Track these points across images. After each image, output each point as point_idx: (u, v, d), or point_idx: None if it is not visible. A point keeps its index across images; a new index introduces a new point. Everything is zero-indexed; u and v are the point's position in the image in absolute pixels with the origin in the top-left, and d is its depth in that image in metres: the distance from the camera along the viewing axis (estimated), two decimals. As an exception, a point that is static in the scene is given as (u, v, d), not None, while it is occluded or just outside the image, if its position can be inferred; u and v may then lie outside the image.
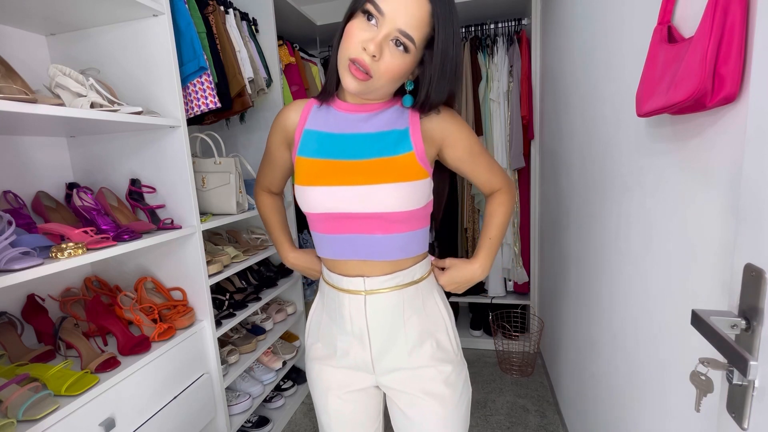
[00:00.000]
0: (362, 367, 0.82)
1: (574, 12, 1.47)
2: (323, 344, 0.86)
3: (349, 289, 0.79)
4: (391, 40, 0.65)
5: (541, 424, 1.78)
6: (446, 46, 0.68)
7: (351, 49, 0.66)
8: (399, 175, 0.72)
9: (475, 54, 2.31)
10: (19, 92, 0.84)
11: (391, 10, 0.64)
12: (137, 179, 1.30)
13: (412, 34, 0.65)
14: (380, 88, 0.70)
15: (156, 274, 1.37)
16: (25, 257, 0.85)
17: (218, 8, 1.54)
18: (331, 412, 0.87)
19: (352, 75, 0.67)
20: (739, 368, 0.44)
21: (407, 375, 0.81)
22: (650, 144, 0.85)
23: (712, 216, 0.63)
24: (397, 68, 0.67)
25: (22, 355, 1.07)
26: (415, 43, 0.66)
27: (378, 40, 0.64)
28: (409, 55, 0.67)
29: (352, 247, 0.77)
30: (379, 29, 0.65)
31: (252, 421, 1.73)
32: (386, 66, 0.66)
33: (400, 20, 0.64)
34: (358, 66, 0.66)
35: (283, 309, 1.97)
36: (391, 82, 0.69)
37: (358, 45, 0.65)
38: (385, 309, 0.79)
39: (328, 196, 0.74)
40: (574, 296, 1.57)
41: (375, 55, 0.65)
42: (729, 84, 0.53)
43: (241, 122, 1.93)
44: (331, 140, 0.76)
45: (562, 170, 1.75)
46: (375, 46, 0.64)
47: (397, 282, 0.78)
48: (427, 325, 0.81)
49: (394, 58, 0.66)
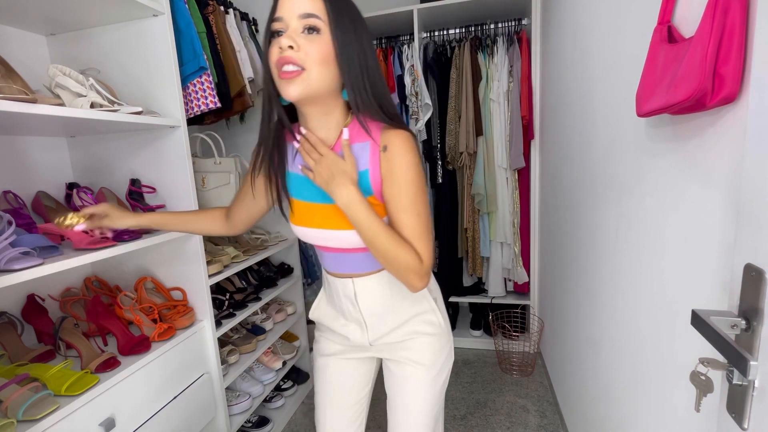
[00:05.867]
0: (362, 344, 0.94)
1: (574, 12, 1.47)
2: (328, 330, 1.00)
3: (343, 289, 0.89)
4: (301, 32, 0.69)
5: (541, 424, 1.78)
6: (339, 12, 0.70)
7: (272, 59, 0.70)
8: None
9: (475, 54, 2.31)
10: (19, 92, 0.84)
11: (285, 9, 0.69)
12: (137, 179, 1.30)
13: (311, 11, 0.68)
14: (317, 79, 0.70)
15: (156, 274, 1.37)
16: (25, 257, 0.85)
17: (218, 8, 1.54)
18: (328, 373, 0.99)
19: (286, 79, 0.69)
20: (739, 368, 0.44)
21: (397, 345, 0.92)
22: (650, 144, 0.85)
23: (712, 216, 0.63)
24: (319, 49, 0.69)
25: (22, 355, 1.07)
26: (320, 17, 0.69)
27: (288, 34, 0.68)
28: (322, 35, 0.69)
29: (339, 263, 0.87)
30: (287, 31, 0.69)
31: (252, 421, 1.73)
32: (308, 52, 0.68)
33: (295, 8, 0.68)
34: (284, 65, 0.68)
35: (283, 309, 1.97)
36: (323, 66, 0.69)
37: (276, 53, 0.69)
38: (375, 300, 0.88)
39: (309, 234, 0.84)
40: (574, 296, 1.57)
41: (292, 46, 0.67)
42: (729, 84, 0.53)
43: (241, 122, 1.93)
44: (303, 183, 0.83)
45: (562, 170, 1.75)
46: (287, 39, 0.67)
47: (380, 278, 0.87)
48: (415, 307, 0.90)
49: (311, 42, 0.68)
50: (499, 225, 2.40)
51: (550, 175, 2.04)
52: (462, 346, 2.52)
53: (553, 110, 1.90)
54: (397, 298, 0.88)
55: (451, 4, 2.18)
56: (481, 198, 2.35)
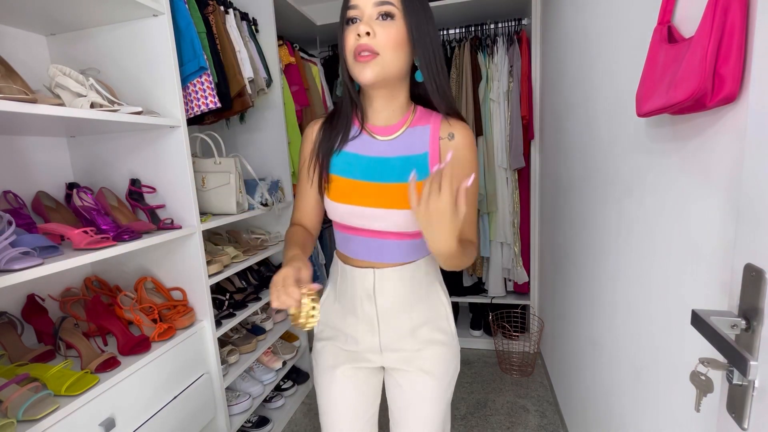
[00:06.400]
0: (372, 349, 0.89)
1: (574, 12, 1.47)
2: (334, 330, 0.92)
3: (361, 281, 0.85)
4: (376, 19, 0.72)
5: (541, 424, 1.78)
6: (411, 3, 0.73)
7: (349, 46, 0.74)
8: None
9: (475, 54, 2.31)
10: (19, 92, 0.84)
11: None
12: (137, 179, 1.30)
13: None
14: (391, 62, 0.74)
15: (156, 274, 1.37)
16: (25, 257, 0.85)
17: (218, 8, 1.54)
18: (335, 390, 0.91)
19: (362, 62, 0.72)
20: (739, 368, 0.44)
21: (408, 355, 0.88)
22: (650, 144, 0.85)
23: (712, 216, 0.63)
24: (394, 35, 0.72)
25: (22, 355, 1.07)
26: (394, 3, 0.72)
27: (365, 21, 0.72)
28: (395, 20, 0.72)
29: (365, 249, 0.84)
30: (363, 19, 0.73)
31: (252, 421, 1.73)
32: (383, 38, 0.72)
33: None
34: (362, 51, 0.72)
35: (283, 309, 1.97)
36: (396, 51, 0.73)
37: (353, 40, 0.73)
38: (394, 296, 0.85)
39: (353, 213, 0.82)
40: (574, 296, 1.57)
41: (369, 32, 0.71)
42: (729, 84, 0.53)
43: (241, 122, 1.93)
44: (360, 161, 0.82)
45: (562, 170, 1.75)
46: (365, 26, 0.71)
47: (402, 273, 0.84)
48: (430, 311, 0.88)
49: (386, 29, 0.72)
50: (499, 225, 2.40)
51: (550, 175, 2.04)
52: (462, 346, 2.52)
53: (553, 110, 1.90)
54: (414, 297, 0.86)
55: (451, 4, 2.17)
56: (481, 198, 2.35)
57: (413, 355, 0.88)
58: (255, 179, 1.71)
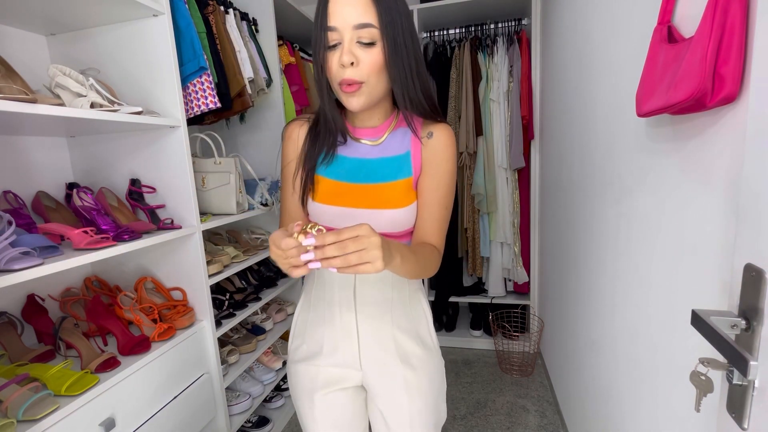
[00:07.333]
0: (350, 363, 0.84)
1: (574, 12, 1.47)
2: (309, 345, 0.87)
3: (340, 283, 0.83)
4: (356, 43, 0.70)
5: (541, 424, 1.78)
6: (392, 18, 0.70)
7: (334, 76, 0.72)
8: (398, 201, 0.79)
9: (475, 54, 2.31)
10: (19, 92, 0.84)
11: (339, 18, 0.68)
12: (137, 179, 1.30)
13: (365, 20, 0.68)
14: (376, 87, 0.73)
15: (156, 274, 1.37)
16: (25, 257, 0.85)
17: (218, 8, 1.54)
18: (318, 414, 0.86)
19: (349, 93, 0.72)
20: (739, 368, 0.44)
21: (390, 368, 0.83)
22: (650, 144, 0.85)
23: (712, 216, 0.63)
24: (375, 61, 0.71)
25: (22, 355, 1.07)
26: (374, 24, 0.69)
27: (346, 49, 0.69)
28: (376, 46, 0.70)
29: None
30: (343, 43, 0.70)
31: (252, 421, 1.73)
32: (367, 65, 0.70)
33: (349, 18, 0.68)
34: (348, 83, 0.71)
35: (283, 309, 1.97)
36: (379, 75, 0.72)
37: (335, 67, 0.71)
38: (374, 300, 0.83)
39: (340, 214, 0.81)
40: (574, 296, 1.57)
41: (353, 62, 0.69)
42: (729, 84, 0.53)
43: (241, 122, 1.93)
44: (344, 163, 0.82)
45: (562, 170, 1.75)
46: (347, 55, 0.69)
47: (385, 274, 0.82)
48: (411, 318, 0.86)
49: (368, 55, 0.70)
50: (499, 225, 2.40)
51: (550, 175, 2.04)
52: (462, 346, 2.52)
53: (553, 110, 1.90)
54: (397, 301, 0.84)
55: (451, 4, 2.18)
56: (481, 198, 2.35)
57: (395, 365, 0.83)
58: (255, 179, 1.71)
